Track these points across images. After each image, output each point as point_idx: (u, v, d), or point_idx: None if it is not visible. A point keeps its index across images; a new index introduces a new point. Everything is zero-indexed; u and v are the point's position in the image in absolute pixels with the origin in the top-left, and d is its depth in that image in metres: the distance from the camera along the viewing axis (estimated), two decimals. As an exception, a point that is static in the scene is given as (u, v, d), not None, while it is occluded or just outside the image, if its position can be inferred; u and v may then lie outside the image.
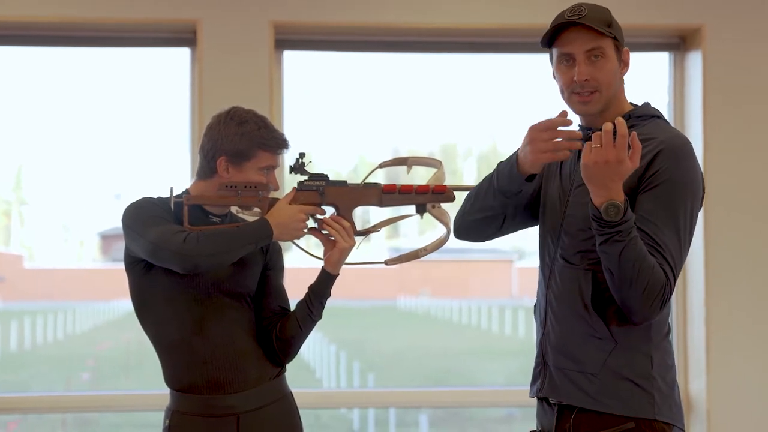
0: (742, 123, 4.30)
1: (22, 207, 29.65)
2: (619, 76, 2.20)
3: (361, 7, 4.22)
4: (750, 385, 4.27)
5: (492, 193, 2.23)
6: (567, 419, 2.15)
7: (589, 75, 2.15)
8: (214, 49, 4.11)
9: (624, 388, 2.10)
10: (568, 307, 2.15)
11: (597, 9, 2.17)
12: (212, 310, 2.46)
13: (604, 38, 2.15)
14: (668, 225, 2.07)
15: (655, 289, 2.04)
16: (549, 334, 2.19)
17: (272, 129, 2.48)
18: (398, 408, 10.22)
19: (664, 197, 2.07)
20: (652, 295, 2.04)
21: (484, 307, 25.78)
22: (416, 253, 2.56)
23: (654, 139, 2.12)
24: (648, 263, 2.03)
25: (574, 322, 2.14)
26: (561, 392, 2.16)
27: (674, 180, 2.08)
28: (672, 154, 2.09)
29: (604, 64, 2.16)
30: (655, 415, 2.10)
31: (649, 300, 2.04)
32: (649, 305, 2.04)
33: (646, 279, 2.03)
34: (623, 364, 2.11)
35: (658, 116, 2.22)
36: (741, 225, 4.28)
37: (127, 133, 17.76)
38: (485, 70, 10.18)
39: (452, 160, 22.59)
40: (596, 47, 2.15)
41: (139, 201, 2.46)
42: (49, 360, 17.70)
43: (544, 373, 2.21)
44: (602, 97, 2.17)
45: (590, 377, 2.12)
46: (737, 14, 4.31)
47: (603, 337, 2.11)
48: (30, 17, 4.10)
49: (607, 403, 2.11)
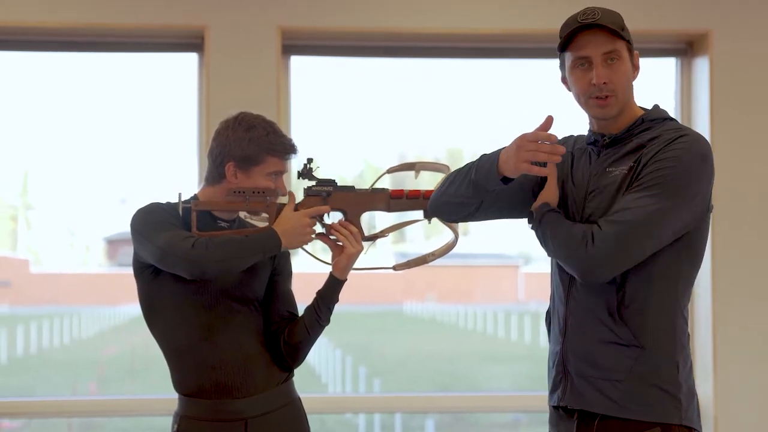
0: (749, 128, 4.30)
1: (28, 212, 29.69)
2: (631, 80, 2.20)
3: (367, 12, 4.22)
4: (757, 390, 4.26)
5: (468, 183, 2.23)
6: (589, 427, 2.14)
7: (607, 78, 2.15)
8: (222, 54, 4.12)
9: (651, 394, 2.10)
10: (591, 315, 2.14)
11: (609, 13, 2.17)
12: (220, 315, 2.46)
13: (620, 41, 2.15)
14: (642, 190, 2.06)
15: (579, 235, 2.08)
16: (570, 343, 2.18)
17: (280, 134, 2.49)
18: (404, 413, 10.22)
19: (650, 174, 2.07)
20: (574, 240, 2.07)
21: (490, 313, 25.76)
22: (424, 259, 2.56)
23: (661, 137, 2.13)
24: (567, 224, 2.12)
25: (598, 330, 2.13)
26: (585, 400, 2.14)
27: (666, 160, 2.07)
28: (673, 143, 2.09)
29: (619, 66, 2.16)
30: (681, 420, 2.10)
31: (574, 244, 2.07)
32: (576, 249, 2.07)
33: (564, 233, 2.10)
34: (650, 371, 2.10)
35: (670, 118, 2.21)
36: (748, 230, 4.27)
37: (134, 138, 17.80)
38: (491, 76, 10.11)
39: (458, 165, 22.59)
40: (613, 50, 2.15)
41: (148, 206, 2.46)
42: (55, 364, 17.73)
43: (565, 381, 2.19)
44: (618, 100, 2.17)
45: (616, 384, 2.11)
46: (744, 20, 4.31)
47: (628, 344, 2.10)
48: (38, 22, 4.11)
49: (634, 409, 2.10)
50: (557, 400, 2.21)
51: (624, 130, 2.18)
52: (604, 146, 2.20)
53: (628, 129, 2.18)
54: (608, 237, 2.04)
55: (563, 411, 2.20)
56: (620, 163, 2.15)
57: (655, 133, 2.15)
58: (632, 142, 2.16)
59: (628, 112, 2.20)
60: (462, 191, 2.24)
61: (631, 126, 2.18)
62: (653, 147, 2.11)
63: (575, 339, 2.17)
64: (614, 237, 2.04)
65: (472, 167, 2.22)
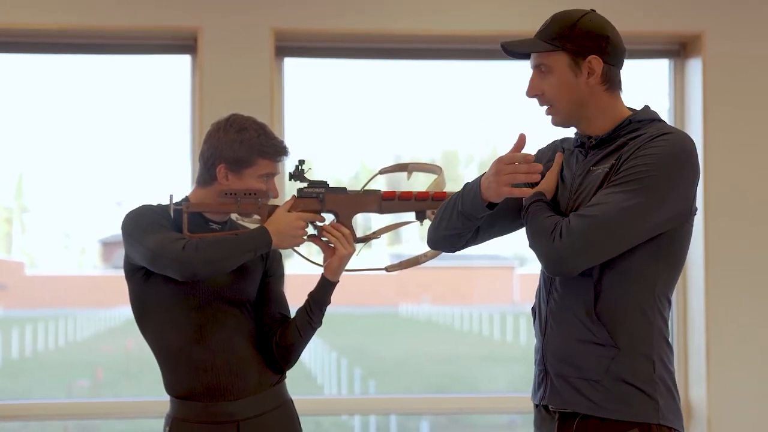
0: (742, 129, 4.30)
1: (23, 214, 29.65)
2: (582, 87, 2.14)
3: (361, 14, 4.22)
4: (750, 391, 4.26)
5: (456, 215, 2.22)
6: (569, 426, 2.14)
7: (538, 90, 2.17)
8: (215, 56, 4.11)
9: (628, 394, 2.09)
10: (569, 314, 2.14)
11: (556, 20, 2.16)
12: (212, 317, 2.46)
13: (548, 54, 2.14)
14: (615, 186, 2.05)
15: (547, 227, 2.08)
16: (549, 342, 2.18)
17: (272, 136, 2.48)
18: (399, 415, 10.22)
19: (626, 171, 2.06)
20: (543, 233, 2.07)
21: (486, 314, 25.77)
22: (417, 260, 2.56)
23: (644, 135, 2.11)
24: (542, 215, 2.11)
25: (575, 329, 2.13)
26: (564, 400, 2.15)
27: (643, 157, 2.05)
28: (652, 142, 2.07)
29: (548, 78, 2.15)
30: (659, 419, 2.09)
31: (543, 238, 2.07)
32: (544, 243, 2.07)
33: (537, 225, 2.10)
34: (626, 370, 2.09)
35: (659, 119, 2.19)
36: (741, 231, 4.27)
37: (129, 140, 17.78)
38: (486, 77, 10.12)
39: (454, 167, 22.62)
40: (540, 63, 2.16)
41: (139, 208, 2.46)
42: (50, 367, 17.69)
43: (545, 381, 2.19)
44: (558, 110, 2.17)
45: (593, 384, 2.11)
46: (737, 21, 4.31)
47: (605, 343, 2.10)
48: (31, 24, 4.10)
49: (611, 408, 2.09)
50: (539, 399, 2.22)
51: (610, 132, 2.16)
52: (590, 148, 2.20)
53: (614, 130, 2.16)
54: (575, 231, 2.03)
55: (545, 410, 2.21)
56: (603, 162, 2.14)
57: (640, 133, 2.14)
58: (617, 142, 2.15)
59: (606, 116, 2.16)
60: (453, 224, 2.24)
61: (617, 127, 2.16)
62: (634, 144, 2.09)
63: (554, 338, 2.17)
64: (580, 231, 2.03)
65: (458, 198, 2.23)
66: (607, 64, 2.14)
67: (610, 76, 2.15)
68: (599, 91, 2.15)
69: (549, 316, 2.19)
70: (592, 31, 2.13)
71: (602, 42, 2.13)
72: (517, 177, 2.09)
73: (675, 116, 4.42)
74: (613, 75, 2.16)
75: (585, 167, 2.18)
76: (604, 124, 2.17)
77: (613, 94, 2.18)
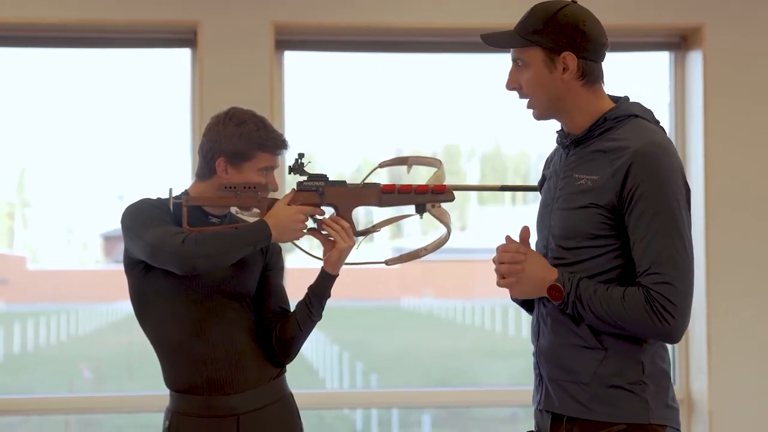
0: (743, 122, 4.29)
1: (25, 209, 29.66)
2: (557, 83, 2.13)
3: (362, 7, 4.21)
4: (751, 385, 4.26)
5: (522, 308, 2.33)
6: (560, 426, 2.15)
7: (514, 83, 2.17)
8: (215, 49, 4.11)
9: (615, 395, 2.10)
10: (559, 318, 2.15)
11: (533, 13, 2.15)
12: (212, 311, 2.46)
13: (524, 48, 2.14)
14: (661, 235, 2.04)
15: (642, 313, 2.04)
16: (542, 346, 2.20)
17: (271, 129, 2.48)
18: (401, 408, 10.22)
19: (649, 211, 2.05)
20: (644, 319, 2.04)
21: (488, 308, 25.77)
22: (416, 253, 2.56)
23: (626, 148, 2.07)
24: (616, 298, 2.05)
25: (565, 334, 2.14)
26: (555, 403, 2.16)
27: (654, 191, 2.05)
28: (644, 165, 2.05)
29: (524, 72, 2.15)
30: (650, 418, 2.09)
31: (646, 324, 2.04)
32: (653, 328, 2.05)
33: (625, 313, 2.04)
34: (614, 372, 2.10)
35: (636, 114, 2.16)
36: (742, 225, 4.27)
37: (129, 134, 17.78)
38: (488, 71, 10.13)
39: (455, 161, 22.60)
40: (516, 57, 2.16)
41: (138, 203, 2.46)
42: (52, 362, 17.71)
43: (541, 385, 2.21)
44: (535, 104, 2.17)
45: (582, 386, 2.11)
46: (738, 13, 4.30)
47: (593, 347, 2.11)
48: (30, 19, 4.10)
49: (600, 410, 2.10)
50: (536, 403, 2.23)
51: (585, 131, 2.15)
52: (570, 146, 2.19)
53: (589, 129, 2.15)
54: (679, 309, 2.05)
55: (542, 413, 2.22)
56: (584, 170, 2.13)
57: (615, 135, 2.11)
58: (594, 145, 2.13)
59: (582, 112, 2.15)
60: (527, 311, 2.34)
61: (592, 126, 2.14)
62: (632, 182, 2.06)
63: (546, 342, 2.19)
64: (683, 306, 2.05)
65: None
66: (583, 59, 2.12)
67: (586, 71, 2.13)
68: (576, 86, 2.14)
69: (541, 321, 2.21)
70: (568, 26, 2.11)
71: (577, 37, 2.11)
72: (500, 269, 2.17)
73: (676, 109, 4.41)
74: (591, 69, 2.14)
75: (568, 170, 2.17)
76: (582, 119, 2.16)
77: (592, 87, 2.15)
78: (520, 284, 2.14)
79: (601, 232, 2.10)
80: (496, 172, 23.64)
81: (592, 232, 2.10)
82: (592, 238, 2.10)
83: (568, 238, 2.13)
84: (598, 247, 2.10)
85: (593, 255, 2.11)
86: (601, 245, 2.10)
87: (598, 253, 2.11)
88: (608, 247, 2.10)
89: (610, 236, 2.09)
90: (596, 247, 2.10)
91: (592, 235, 2.10)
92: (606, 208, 2.08)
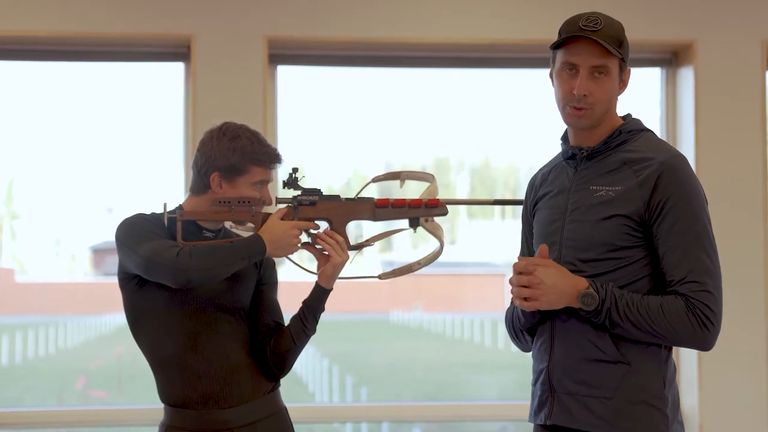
0: (733, 138, 4.32)
1: (13, 221, 29.54)
2: (616, 95, 2.20)
3: (354, 22, 4.23)
4: (742, 399, 4.27)
5: (521, 331, 2.30)
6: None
7: (588, 90, 2.15)
8: (208, 63, 4.12)
9: (639, 410, 2.10)
10: (577, 333, 2.14)
11: (612, 25, 2.17)
12: (206, 325, 2.46)
13: (612, 57, 2.15)
14: (694, 246, 2.08)
15: (683, 320, 2.07)
16: (557, 361, 2.17)
17: (265, 144, 2.49)
18: (391, 422, 10.20)
19: (680, 222, 2.09)
20: (685, 327, 2.07)
21: (477, 321, 25.76)
22: (410, 267, 2.56)
23: (652, 159, 2.12)
24: (654, 307, 2.07)
25: (584, 348, 2.13)
26: (574, 418, 2.13)
27: (684, 202, 2.09)
28: (674, 176, 2.10)
29: (605, 82, 2.16)
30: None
31: (687, 332, 2.07)
32: (693, 335, 2.08)
33: (665, 321, 2.06)
34: (637, 387, 2.10)
35: (645, 129, 2.22)
36: (732, 240, 4.28)
37: (120, 148, 17.78)
38: (478, 85, 10.14)
39: (445, 174, 22.64)
40: (602, 65, 2.15)
41: (132, 217, 2.46)
42: (40, 374, 17.63)
43: (552, 399, 2.18)
44: (594, 113, 2.17)
45: (604, 401, 2.11)
46: (728, 30, 4.33)
47: (615, 361, 2.11)
48: (25, 32, 4.10)
49: (622, 426, 2.10)
50: (544, 418, 2.19)
51: (601, 143, 2.18)
52: (582, 159, 2.20)
53: (605, 141, 2.18)
54: (717, 314, 2.09)
55: (546, 429, 2.20)
56: (602, 181, 2.15)
57: (633, 147, 2.16)
58: (613, 157, 2.17)
59: (606, 124, 2.20)
60: (519, 343, 2.35)
61: (608, 138, 2.18)
62: (661, 193, 2.10)
63: (562, 356, 2.16)
64: (717, 310, 2.09)
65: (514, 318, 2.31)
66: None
67: None
68: (616, 101, 2.22)
69: (556, 336, 2.18)
70: (627, 43, 2.21)
71: (628, 54, 2.21)
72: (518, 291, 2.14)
73: (667, 125, 4.44)
74: None
75: (581, 183, 2.18)
76: (602, 131, 2.19)
77: (615, 105, 2.23)
78: (546, 295, 2.10)
79: (625, 243, 2.11)
80: (485, 186, 23.68)
81: (616, 244, 2.11)
82: (615, 249, 2.11)
83: (588, 250, 2.13)
84: (620, 259, 2.11)
85: (616, 267, 2.12)
86: (624, 257, 2.11)
87: (620, 265, 2.12)
88: (630, 258, 2.11)
89: (633, 247, 2.11)
90: (618, 259, 2.11)
91: (616, 247, 2.11)
92: (632, 218, 2.10)
